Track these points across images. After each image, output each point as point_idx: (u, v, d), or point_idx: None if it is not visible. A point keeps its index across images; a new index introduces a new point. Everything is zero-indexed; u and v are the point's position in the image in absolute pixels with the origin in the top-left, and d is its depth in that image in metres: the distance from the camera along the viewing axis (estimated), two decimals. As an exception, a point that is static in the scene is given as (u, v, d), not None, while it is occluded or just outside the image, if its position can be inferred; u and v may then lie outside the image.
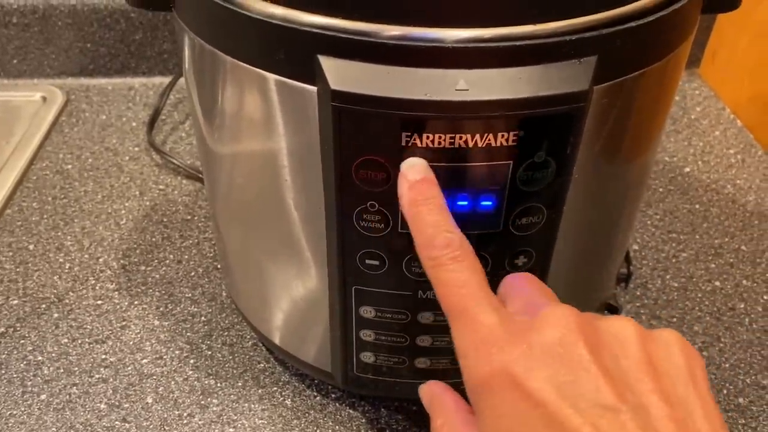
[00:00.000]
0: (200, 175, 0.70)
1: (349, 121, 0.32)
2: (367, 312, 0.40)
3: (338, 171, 0.34)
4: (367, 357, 0.42)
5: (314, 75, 0.32)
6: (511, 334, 0.28)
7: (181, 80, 0.82)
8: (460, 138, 0.31)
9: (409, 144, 0.32)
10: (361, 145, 0.32)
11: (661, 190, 0.71)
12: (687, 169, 0.74)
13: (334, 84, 0.31)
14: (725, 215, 0.67)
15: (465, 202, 0.34)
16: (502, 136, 0.31)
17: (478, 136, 0.31)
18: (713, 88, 0.87)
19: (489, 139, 0.32)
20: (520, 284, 0.33)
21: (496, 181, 0.33)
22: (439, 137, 0.31)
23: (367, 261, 0.37)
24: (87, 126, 0.79)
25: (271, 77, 0.33)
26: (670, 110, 0.43)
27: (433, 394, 0.35)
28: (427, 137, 0.31)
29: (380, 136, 0.32)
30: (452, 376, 0.43)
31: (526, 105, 0.31)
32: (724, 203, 0.69)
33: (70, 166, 0.73)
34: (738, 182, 0.72)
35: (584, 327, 0.28)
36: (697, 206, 0.68)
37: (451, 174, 0.33)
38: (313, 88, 0.32)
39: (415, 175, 0.32)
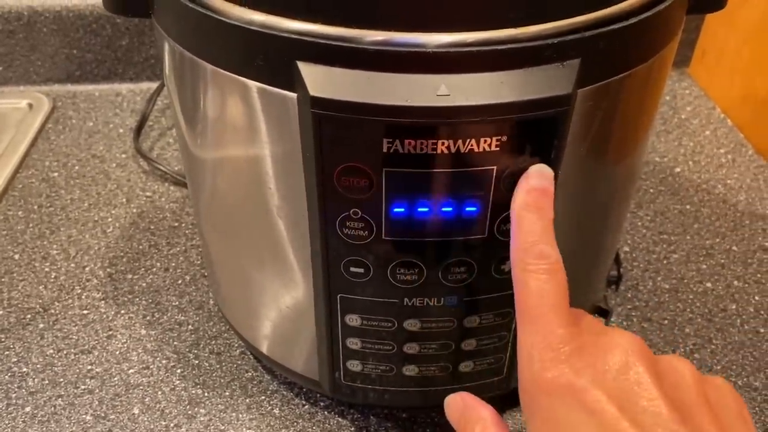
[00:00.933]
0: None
1: (330, 128, 0.31)
2: (353, 320, 0.39)
3: (320, 178, 0.33)
4: (355, 365, 0.42)
5: (293, 81, 0.31)
6: (579, 347, 0.30)
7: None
8: (443, 144, 0.31)
9: (391, 150, 0.31)
10: (342, 152, 0.32)
11: (651, 190, 0.70)
12: (678, 170, 0.73)
13: (314, 90, 0.30)
14: (716, 215, 0.67)
15: (449, 208, 0.34)
16: (485, 141, 0.31)
17: (460, 142, 0.31)
18: (703, 87, 0.87)
19: (471, 145, 0.31)
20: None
21: (480, 186, 0.33)
22: (421, 143, 0.31)
23: (352, 269, 0.37)
24: (74, 133, 0.78)
25: (252, 84, 0.33)
26: (659, 110, 0.43)
27: (466, 405, 0.36)
28: (409, 143, 0.31)
29: (362, 142, 0.31)
30: (440, 383, 0.42)
31: (509, 109, 0.30)
32: (714, 203, 0.69)
33: (56, 174, 0.72)
34: (729, 182, 0.71)
35: (647, 354, 0.30)
36: (688, 207, 0.68)
37: (435, 180, 0.33)
38: (293, 95, 0.32)
39: (537, 181, 0.32)
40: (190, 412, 0.49)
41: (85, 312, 0.57)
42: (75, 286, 0.59)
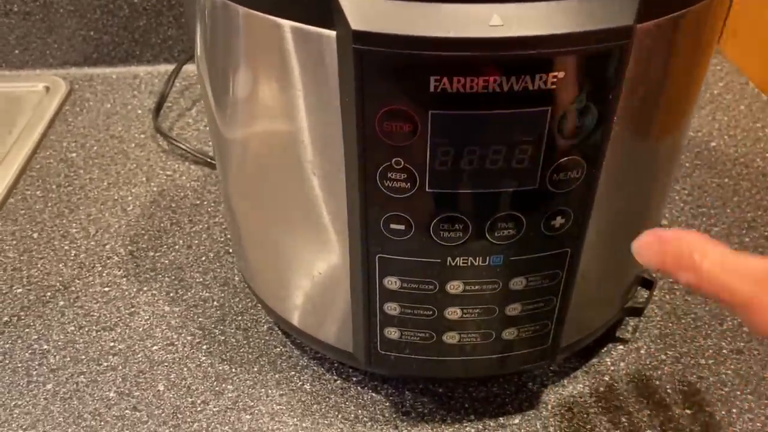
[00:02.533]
0: (209, 160, 0.68)
1: (372, 66, 0.29)
2: (392, 283, 0.37)
3: (360, 125, 0.31)
4: (392, 333, 0.40)
5: (332, 17, 0.29)
6: None
7: (186, 67, 0.79)
8: (494, 80, 0.29)
9: (438, 89, 0.29)
10: (385, 94, 0.30)
11: (687, 164, 0.68)
12: (713, 144, 0.71)
13: (356, 24, 0.28)
14: (756, 189, 0.64)
15: (498, 156, 0.32)
16: (540, 78, 0.29)
17: (513, 79, 0.29)
18: (735, 64, 0.84)
19: (525, 82, 0.29)
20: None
21: (533, 130, 0.31)
22: (471, 80, 0.29)
23: (392, 226, 0.35)
24: (91, 114, 0.77)
25: (286, 24, 0.31)
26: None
27: (663, 240, 0.30)
28: (458, 81, 0.29)
29: (407, 81, 0.29)
30: (481, 352, 0.40)
31: (565, 41, 0.28)
32: (754, 177, 0.66)
33: (74, 155, 0.70)
34: (768, 155, 0.69)
35: None
36: (726, 180, 0.66)
37: (484, 123, 0.30)
38: (331, 33, 0.30)
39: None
40: (217, 388, 0.47)
41: (107, 289, 0.55)
42: (95, 263, 0.57)
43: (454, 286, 0.37)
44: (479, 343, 0.40)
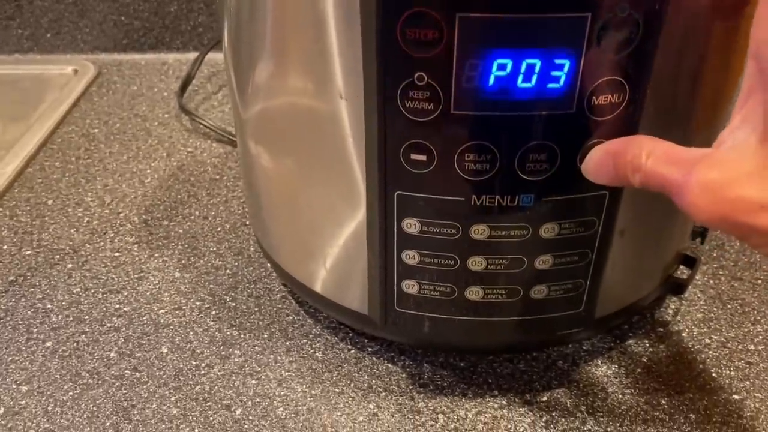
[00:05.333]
0: (231, 138, 0.66)
1: (395, -40, 0.27)
2: (411, 226, 0.34)
3: (381, 31, 0.28)
4: (410, 287, 0.37)
5: None
6: None
7: (214, 56, 0.78)
8: (529, -24, 0.26)
9: (467, -14, 0.26)
10: (408, -6, 0.27)
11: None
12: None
13: None
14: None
15: (531, 72, 0.29)
16: (580, -26, 0.26)
17: (550, -25, 0.26)
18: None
19: (563, -20, 0.26)
20: None
21: (570, 39, 0.28)
22: (504, -24, 0.26)
23: (413, 156, 0.32)
24: (117, 96, 0.76)
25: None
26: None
27: (612, 151, 0.29)
28: (489, -24, 0.26)
29: (432, -23, 0.27)
30: (507, 312, 0.37)
31: (610, -68, 0.25)
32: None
33: (96, 130, 0.69)
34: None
35: None
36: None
37: (516, 29, 0.28)
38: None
39: None
40: (223, 352, 0.44)
41: (117, 254, 0.53)
42: (108, 230, 0.55)
43: (479, 231, 0.34)
44: (505, 301, 0.36)
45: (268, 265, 0.51)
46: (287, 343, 0.45)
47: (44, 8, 0.82)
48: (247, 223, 0.56)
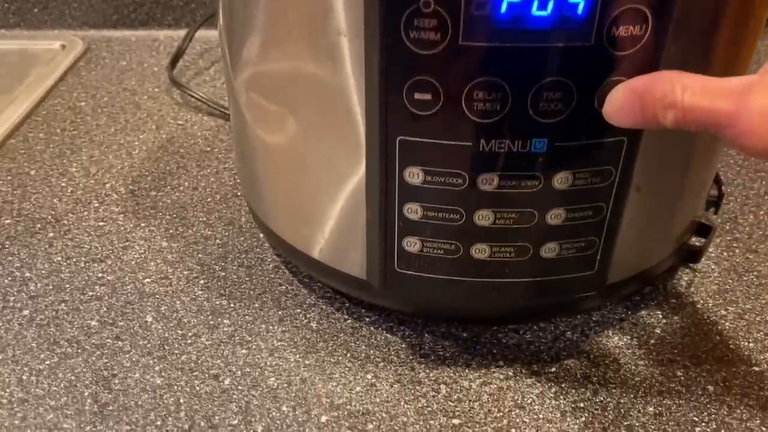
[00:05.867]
0: (223, 111, 0.63)
1: None
2: (414, 176, 0.32)
3: (384, -48, 0.26)
4: (412, 244, 0.34)
5: None
6: None
7: (206, 33, 0.76)
8: None
9: None
10: None
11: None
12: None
13: None
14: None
15: (548, 1, 0.26)
16: None
17: None
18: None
19: None
20: None
21: (591, -42, 0.26)
22: None
23: (417, 95, 0.29)
24: (105, 70, 0.73)
25: None
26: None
27: (642, 86, 0.27)
28: None
29: None
30: (515, 273, 0.35)
31: None
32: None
33: (83, 104, 0.67)
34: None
35: None
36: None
37: (532, -53, 0.25)
38: None
39: None
40: (212, 322, 0.42)
41: (101, 224, 0.50)
42: (92, 200, 0.53)
43: (487, 181, 0.31)
44: (513, 260, 0.34)
45: (261, 235, 0.48)
46: (280, 312, 0.42)
47: (31, -18, 0.79)
48: (239, 194, 0.53)
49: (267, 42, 0.34)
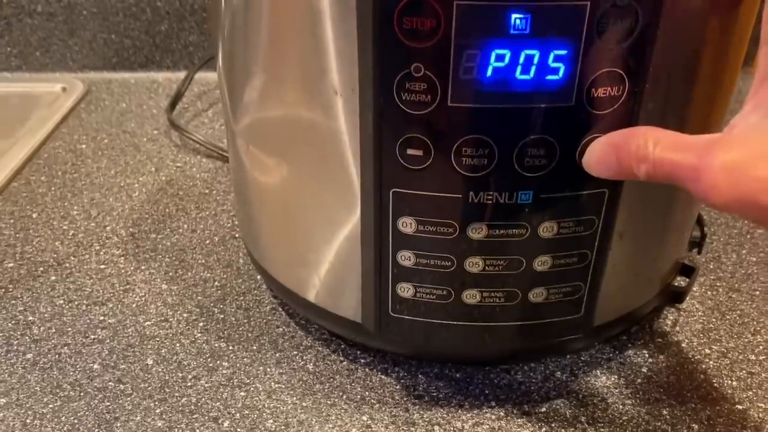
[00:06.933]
0: (222, 153, 0.65)
1: (393, -54, 0.26)
2: (407, 225, 0.33)
3: (378, 21, 0.28)
4: (406, 290, 0.36)
5: None
6: None
7: (205, 75, 0.78)
8: (528, -39, 0.26)
9: (465, -29, 0.26)
10: (405, -19, 0.27)
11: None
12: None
13: None
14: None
15: (530, 63, 0.28)
16: (579, -40, 0.26)
17: (549, -40, 0.26)
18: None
19: (562, -34, 0.26)
20: None
21: (571, 28, 0.27)
22: (502, -40, 0.26)
23: (409, 151, 0.31)
24: (106, 112, 0.75)
25: None
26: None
27: (615, 141, 0.29)
28: (488, -40, 0.26)
29: (429, -38, 0.26)
30: (505, 317, 0.36)
31: None
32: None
33: (84, 146, 0.68)
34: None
35: None
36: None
37: (515, 19, 0.27)
38: None
39: None
40: (211, 364, 0.43)
41: (102, 266, 0.51)
42: (94, 243, 0.54)
43: (477, 230, 0.33)
44: (503, 304, 0.35)
45: (258, 277, 0.50)
46: (277, 354, 0.43)
47: (34, 26, 0.81)
48: (237, 236, 0.55)
49: (265, 94, 0.36)
